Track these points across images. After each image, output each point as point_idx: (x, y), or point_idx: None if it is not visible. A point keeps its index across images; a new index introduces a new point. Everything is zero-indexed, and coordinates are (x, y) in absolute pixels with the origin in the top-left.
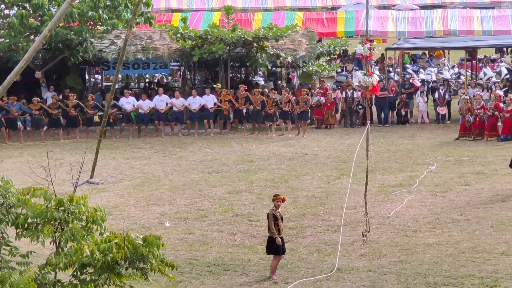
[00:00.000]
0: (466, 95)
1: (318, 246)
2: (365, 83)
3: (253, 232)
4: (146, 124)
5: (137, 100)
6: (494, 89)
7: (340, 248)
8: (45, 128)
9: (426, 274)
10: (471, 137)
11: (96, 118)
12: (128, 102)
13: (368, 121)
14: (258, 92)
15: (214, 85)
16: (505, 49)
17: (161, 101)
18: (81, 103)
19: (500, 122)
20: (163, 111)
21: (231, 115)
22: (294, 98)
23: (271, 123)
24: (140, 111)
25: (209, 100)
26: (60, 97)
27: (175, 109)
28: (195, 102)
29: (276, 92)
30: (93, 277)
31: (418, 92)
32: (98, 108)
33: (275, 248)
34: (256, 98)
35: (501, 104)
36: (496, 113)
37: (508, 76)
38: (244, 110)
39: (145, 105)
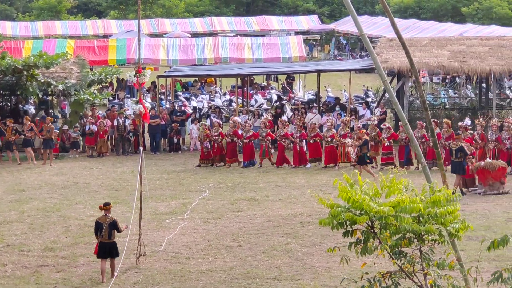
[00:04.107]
0: (204, 122)
1: (91, 275)
2: (137, 110)
3: (24, 262)
4: None
5: None
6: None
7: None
8: None
9: None
10: (212, 164)
11: None
12: None
13: (141, 148)
14: None
15: None
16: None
17: None
18: None
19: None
20: None
21: None
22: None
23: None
24: None
25: None
26: None
27: None
28: None
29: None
30: None
31: (190, 119)
32: None
33: (116, 252)
34: None
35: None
36: (235, 139)
37: (277, 103)
38: None
39: None
